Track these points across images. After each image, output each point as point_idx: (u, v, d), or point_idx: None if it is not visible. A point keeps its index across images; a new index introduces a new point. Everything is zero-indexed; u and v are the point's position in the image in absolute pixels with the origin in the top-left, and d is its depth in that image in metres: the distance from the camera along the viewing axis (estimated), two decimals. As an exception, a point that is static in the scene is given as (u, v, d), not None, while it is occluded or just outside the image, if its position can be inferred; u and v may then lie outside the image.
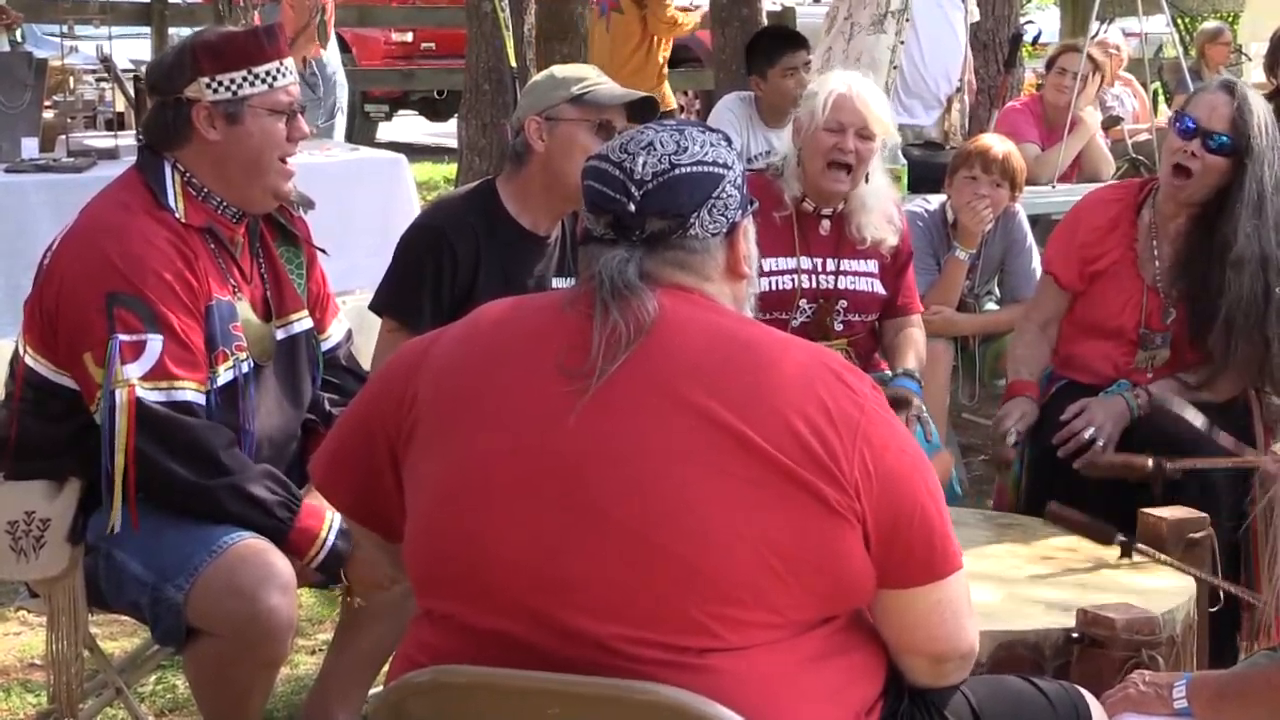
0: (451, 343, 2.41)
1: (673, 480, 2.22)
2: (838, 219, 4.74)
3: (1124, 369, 4.56)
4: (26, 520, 3.43)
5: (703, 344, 2.29)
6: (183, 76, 3.42)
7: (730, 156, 2.39)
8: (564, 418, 2.26)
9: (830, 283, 4.72)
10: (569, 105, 3.98)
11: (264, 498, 3.34)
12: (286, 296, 3.62)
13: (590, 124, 3.94)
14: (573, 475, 2.25)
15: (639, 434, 2.24)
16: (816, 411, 2.25)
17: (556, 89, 4.01)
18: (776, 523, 2.21)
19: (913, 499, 2.29)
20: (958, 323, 5.91)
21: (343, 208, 6.91)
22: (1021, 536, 3.76)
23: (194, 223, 3.42)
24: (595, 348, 2.27)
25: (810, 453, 2.23)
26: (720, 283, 2.38)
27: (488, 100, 10.19)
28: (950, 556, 2.33)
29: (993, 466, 4.91)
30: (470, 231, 4.04)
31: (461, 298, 4.00)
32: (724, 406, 2.23)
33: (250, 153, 3.44)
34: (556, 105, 3.99)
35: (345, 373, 3.79)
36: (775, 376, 2.26)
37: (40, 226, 6.28)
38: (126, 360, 3.26)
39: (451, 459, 2.32)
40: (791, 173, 4.71)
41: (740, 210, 2.39)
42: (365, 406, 2.50)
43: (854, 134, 4.60)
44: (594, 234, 2.37)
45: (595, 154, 2.42)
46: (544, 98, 4.02)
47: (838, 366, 2.32)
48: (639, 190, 2.34)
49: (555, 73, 4.10)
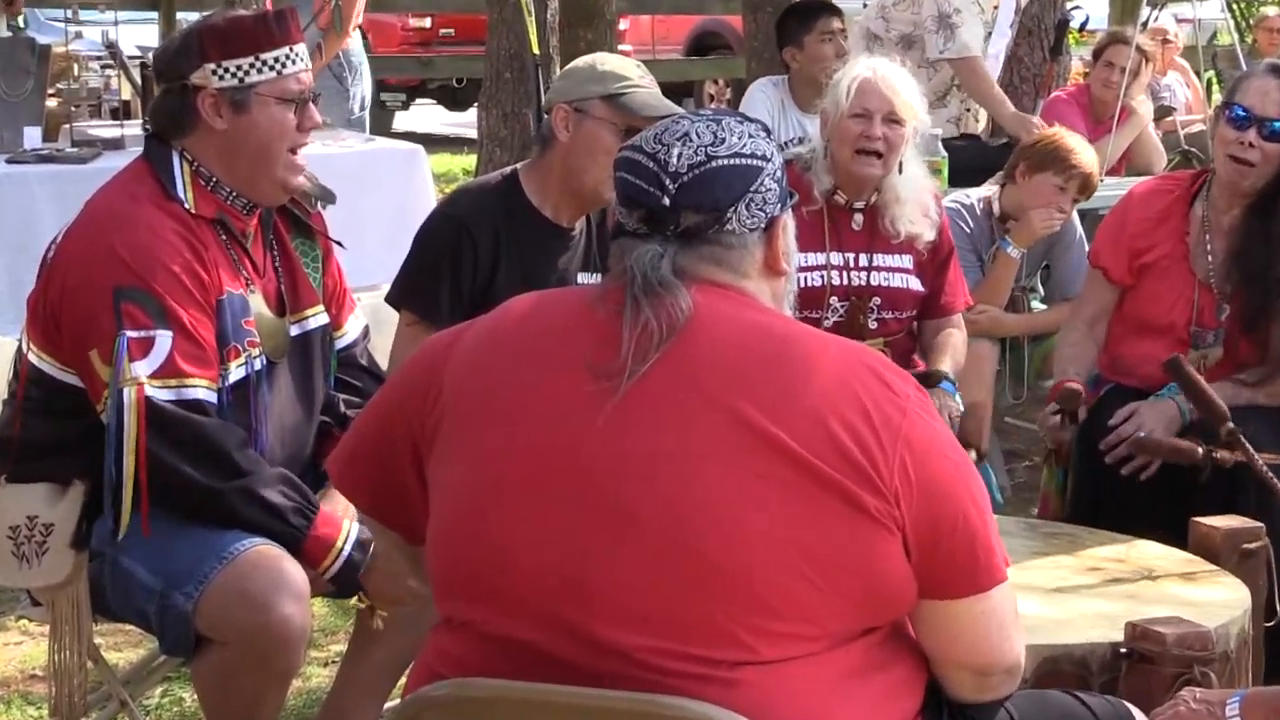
0: (477, 338, 2.41)
1: (705, 485, 2.21)
2: (870, 212, 4.73)
3: (1176, 369, 4.55)
4: (29, 525, 3.44)
5: (738, 343, 2.28)
6: (188, 63, 3.43)
7: (769, 148, 2.39)
8: (593, 418, 2.26)
9: (863, 279, 4.71)
10: (601, 103, 3.96)
11: (278, 503, 3.34)
12: (301, 290, 3.62)
13: (617, 128, 3.91)
14: (601, 478, 2.25)
15: (670, 436, 2.24)
16: (855, 414, 2.24)
17: (593, 81, 3.99)
18: (812, 530, 2.21)
19: (955, 507, 2.29)
20: (1004, 322, 5.90)
21: (358, 200, 6.89)
22: (1068, 546, 3.75)
23: (204, 214, 3.42)
24: (625, 346, 2.26)
25: (848, 457, 2.22)
26: (758, 280, 2.38)
27: (509, 89, 10.21)
28: (995, 567, 2.33)
29: (1039, 469, 4.90)
30: (490, 222, 4.04)
31: (481, 290, 4.01)
32: (758, 408, 2.23)
33: (257, 143, 3.44)
34: (589, 99, 3.97)
35: (362, 372, 3.80)
36: (812, 376, 2.26)
37: (44, 219, 6.29)
38: (134, 357, 3.27)
39: (474, 459, 2.32)
40: (821, 165, 4.70)
41: (779, 204, 2.39)
42: (387, 401, 2.51)
43: (881, 120, 4.59)
44: (626, 228, 2.37)
45: (628, 144, 2.41)
46: (579, 86, 4.01)
47: (879, 366, 2.31)
48: (673, 183, 2.33)
49: (597, 63, 4.06)
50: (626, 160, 2.39)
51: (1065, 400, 4.56)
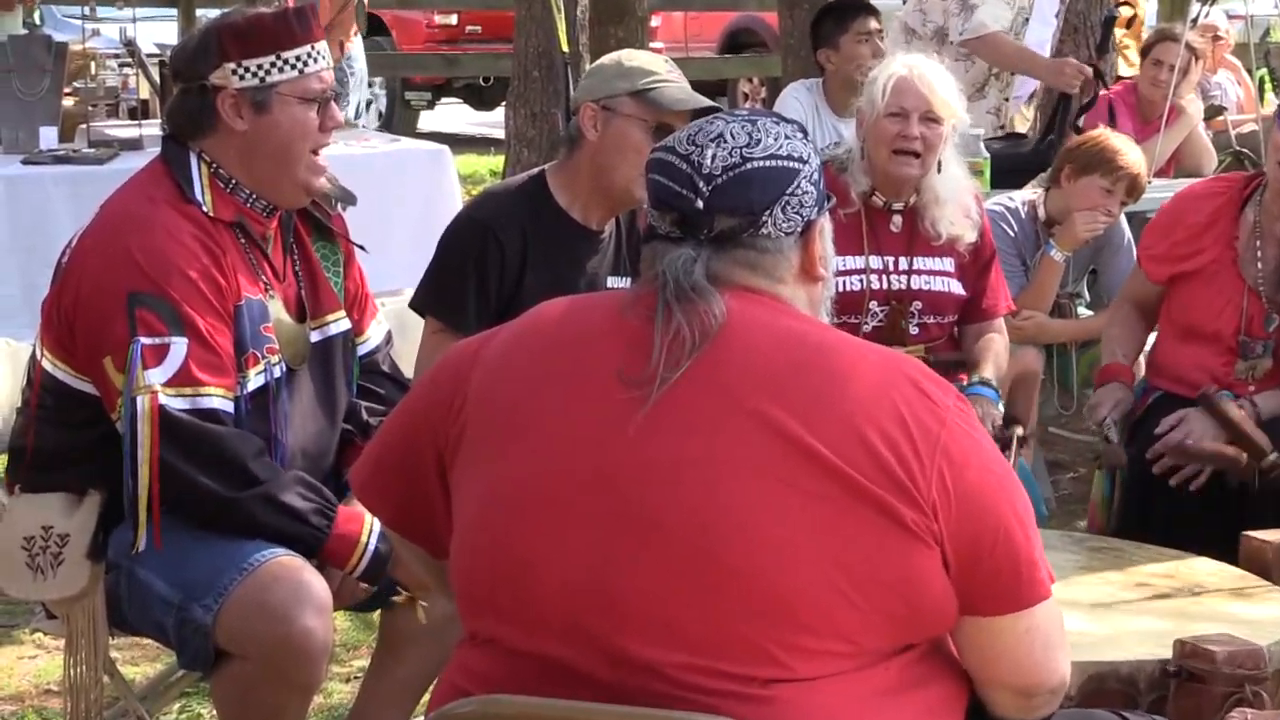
0: (504, 344, 2.42)
1: (738, 496, 2.21)
2: (909, 214, 4.72)
3: (1223, 379, 4.54)
4: (44, 536, 3.45)
5: (772, 350, 2.28)
6: (207, 62, 3.44)
7: (806, 150, 2.39)
8: (622, 428, 2.26)
9: (902, 283, 4.70)
10: (629, 99, 3.96)
11: (298, 506, 3.35)
12: (322, 296, 3.63)
13: (647, 124, 3.92)
14: (631, 489, 2.24)
15: (702, 446, 2.23)
16: (892, 423, 2.24)
17: (620, 78, 3.99)
18: (848, 544, 2.20)
19: (996, 520, 2.28)
20: (1050, 328, 5.88)
21: (382, 203, 6.93)
22: (1114, 561, 3.74)
23: (222, 217, 3.43)
24: (657, 353, 2.26)
25: (885, 468, 2.22)
26: (794, 285, 2.38)
27: (537, 88, 10.21)
28: (1038, 583, 2.32)
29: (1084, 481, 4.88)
30: (517, 224, 4.04)
31: (508, 295, 4.01)
32: (792, 417, 2.23)
33: (279, 144, 3.45)
34: (617, 96, 3.97)
35: (384, 379, 3.80)
36: (848, 385, 2.26)
37: (59, 222, 6.33)
38: (149, 365, 3.27)
39: (500, 469, 2.33)
40: (858, 166, 4.70)
41: (816, 207, 2.39)
42: (412, 409, 2.51)
43: (918, 119, 4.59)
44: (658, 231, 2.37)
45: (660, 145, 2.41)
46: (606, 84, 4.01)
47: (918, 375, 2.30)
48: (707, 185, 2.33)
49: (624, 60, 4.06)
50: (659, 162, 2.39)
51: (1109, 459, 4.56)
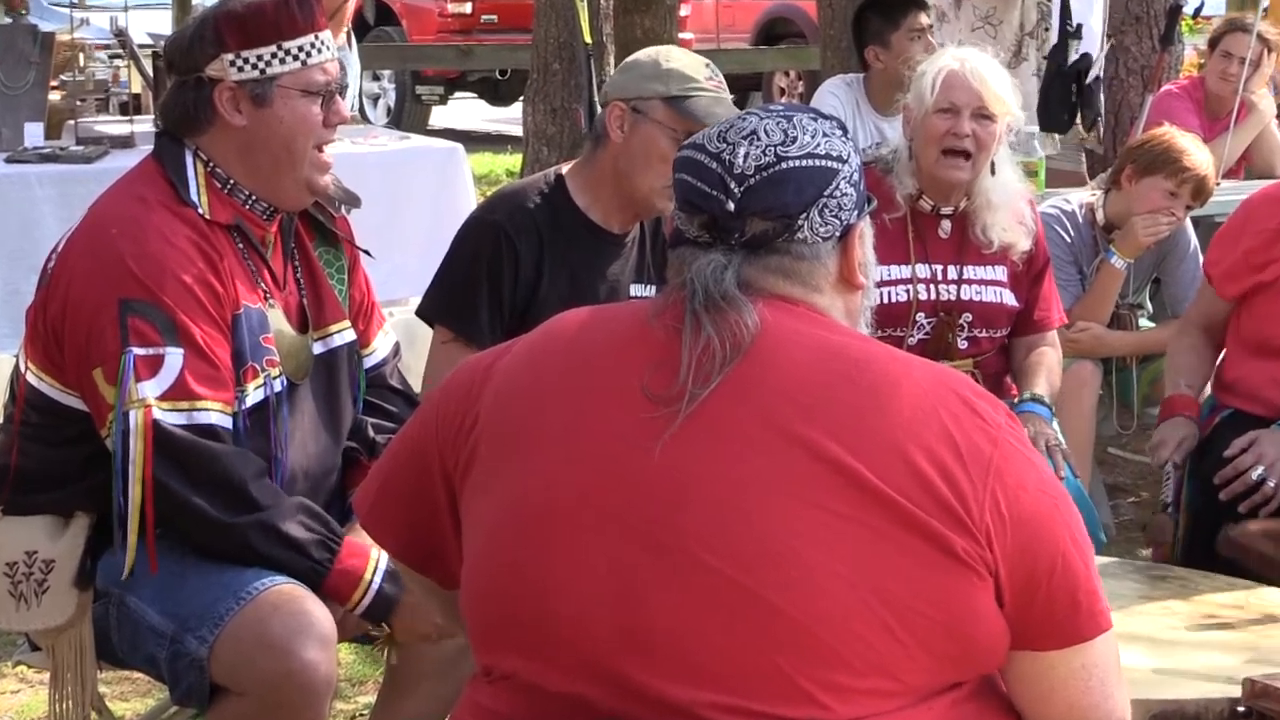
0: (519, 358, 2.42)
1: (774, 522, 2.21)
2: (959, 219, 4.72)
3: (1300, 397, 4.53)
4: (27, 561, 3.46)
5: (809, 364, 2.28)
6: (204, 53, 3.45)
7: (845, 149, 2.39)
8: (648, 447, 2.26)
9: (952, 293, 4.71)
10: (662, 104, 3.97)
11: (299, 536, 3.36)
12: (326, 305, 3.64)
13: (675, 134, 3.91)
14: (657, 514, 2.24)
15: (735, 468, 2.23)
16: (941, 444, 2.24)
17: (656, 79, 3.99)
18: (893, 574, 2.20)
19: (1053, 548, 2.27)
20: (1108, 341, 5.87)
21: (390, 204, 6.95)
22: (1179, 591, 3.73)
23: (219, 219, 3.44)
24: (685, 367, 2.26)
25: (933, 493, 2.22)
26: (831, 294, 2.38)
27: (558, 82, 10.24)
28: (1097, 615, 2.32)
29: (1147, 505, 4.88)
30: (534, 227, 4.06)
31: (524, 303, 4.02)
32: (833, 438, 2.23)
33: (280, 139, 3.46)
34: (649, 99, 3.98)
35: (392, 394, 3.81)
36: (893, 403, 2.25)
37: (44, 224, 6.35)
38: (142, 377, 3.28)
39: (515, 493, 2.33)
40: (904, 168, 4.70)
41: (856, 211, 2.39)
42: (419, 431, 2.51)
43: (970, 115, 4.59)
44: (686, 235, 2.37)
45: (689, 142, 2.41)
46: (639, 83, 4.02)
47: (967, 392, 2.30)
48: (739, 186, 2.33)
49: (662, 59, 4.05)
50: (687, 160, 2.39)
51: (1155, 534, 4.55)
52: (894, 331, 4.63)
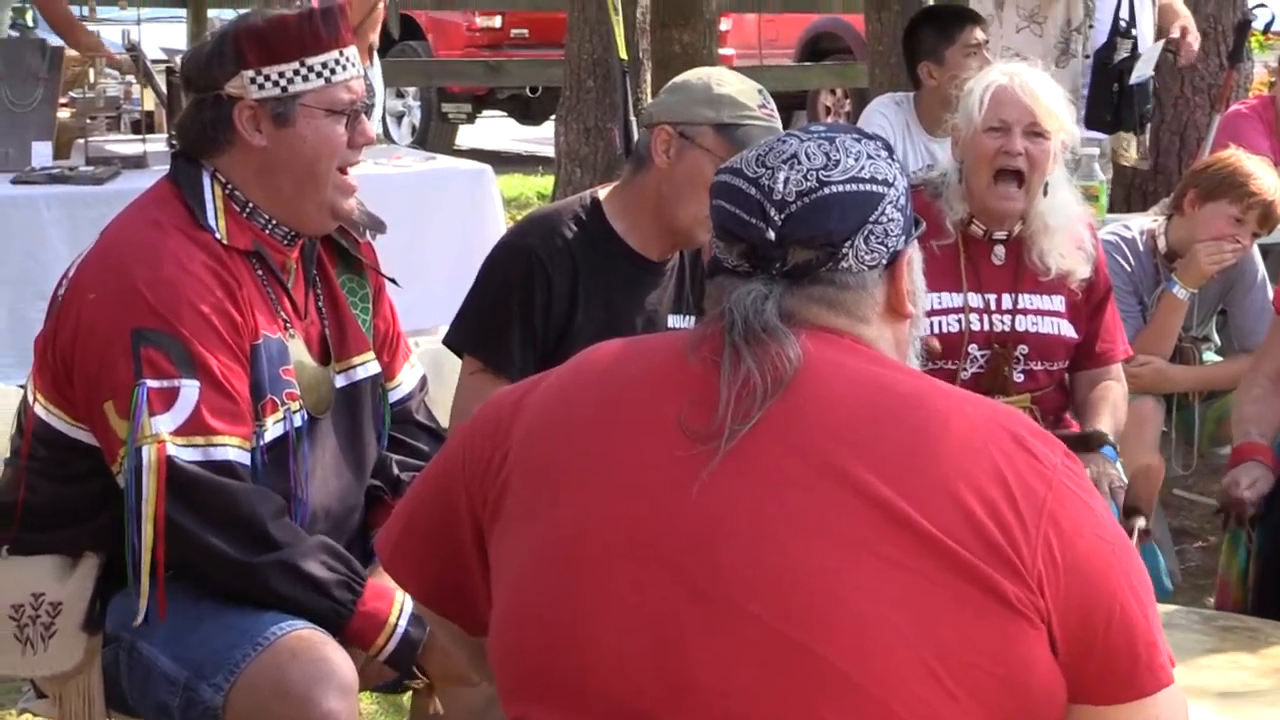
0: (550, 393, 2.43)
1: (818, 567, 2.21)
2: (1014, 245, 4.72)
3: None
4: (34, 604, 3.47)
5: (855, 399, 2.28)
6: (223, 69, 3.46)
7: (892, 171, 2.39)
8: (686, 487, 2.26)
9: (1006, 324, 4.70)
10: (712, 131, 3.98)
11: (321, 576, 3.36)
12: (348, 335, 3.65)
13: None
14: (696, 558, 2.24)
15: (777, 509, 2.23)
16: (993, 485, 2.24)
17: (707, 104, 4.01)
18: (944, 622, 2.20)
19: (1111, 596, 2.27)
20: (1171, 376, 5.86)
21: (416, 229, 6.95)
22: (1248, 643, 3.71)
23: (238, 245, 3.46)
24: (724, 402, 2.27)
25: (984, 536, 2.22)
26: (878, 325, 2.38)
27: (592, 100, 10.25)
28: (1158, 668, 2.31)
29: (1214, 551, 4.86)
30: (567, 253, 4.07)
31: (557, 333, 4.03)
32: (879, 477, 2.23)
33: (302, 161, 3.48)
34: (698, 125, 3.99)
35: (418, 429, 3.82)
36: (943, 441, 2.26)
37: (53, 249, 6.36)
38: (156, 410, 3.30)
39: (546, 534, 2.33)
40: (954, 191, 4.70)
41: (903, 236, 2.39)
42: (445, 468, 2.52)
43: (1021, 132, 4.59)
44: (725, 264, 2.38)
45: (726, 167, 2.42)
46: (689, 108, 4.03)
47: (1021, 430, 2.30)
48: (780, 213, 2.34)
49: (714, 84, 4.06)
50: (725, 186, 2.39)
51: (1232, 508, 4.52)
52: (945, 365, 4.62)
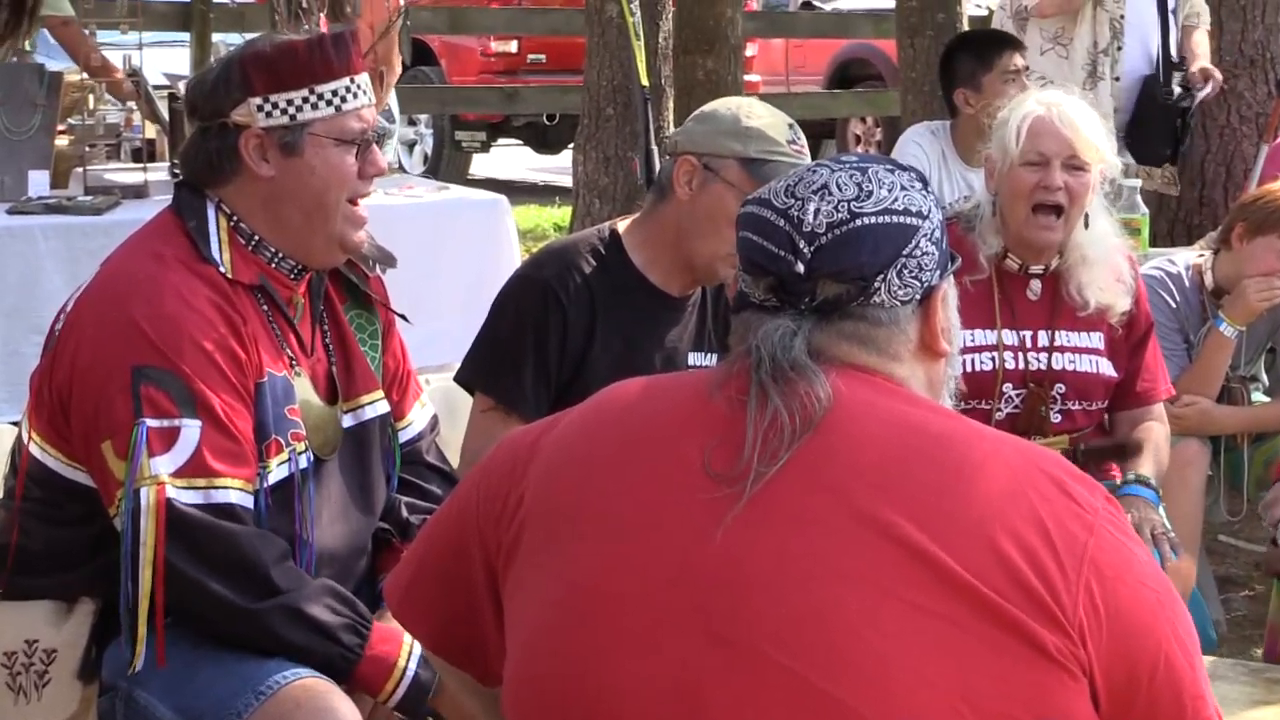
0: (568, 433, 2.43)
1: (848, 615, 2.21)
2: (1050, 280, 4.72)
3: None
4: (28, 651, 3.48)
5: (887, 440, 2.28)
6: (228, 96, 3.48)
7: (926, 203, 2.40)
8: (710, 532, 2.26)
9: (1043, 362, 4.70)
10: (737, 165, 4.00)
11: (326, 620, 3.36)
12: (357, 373, 3.66)
13: None
14: (720, 605, 2.24)
15: (805, 554, 2.23)
16: (1031, 531, 2.24)
17: (733, 137, 4.02)
18: (980, 673, 2.19)
19: (1155, 646, 2.27)
20: (1217, 418, 5.84)
21: (427, 261, 6.96)
22: (1296, 695, 3.72)
23: (243, 279, 3.47)
24: (750, 443, 2.27)
25: (1022, 584, 2.21)
26: (911, 363, 2.39)
27: (611, 128, 10.27)
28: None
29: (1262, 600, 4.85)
30: (584, 287, 4.07)
31: (572, 370, 4.04)
32: (913, 522, 2.23)
33: (311, 192, 3.49)
34: (723, 158, 4.01)
35: (429, 471, 3.83)
36: (979, 484, 2.26)
37: (50, 282, 6.37)
38: (155, 451, 3.30)
39: (564, 580, 2.33)
40: (987, 225, 4.70)
41: (938, 271, 2.40)
42: (458, 512, 2.52)
43: (1061, 166, 4.59)
44: (751, 298, 2.38)
45: (754, 197, 2.43)
46: (714, 139, 4.04)
47: (1060, 473, 2.30)
48: (809, 245, 2.34)
49: (743, 116, 4.07)
50: (752, 217, 2.40)
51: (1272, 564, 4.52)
52: (979, 404, 4.62)
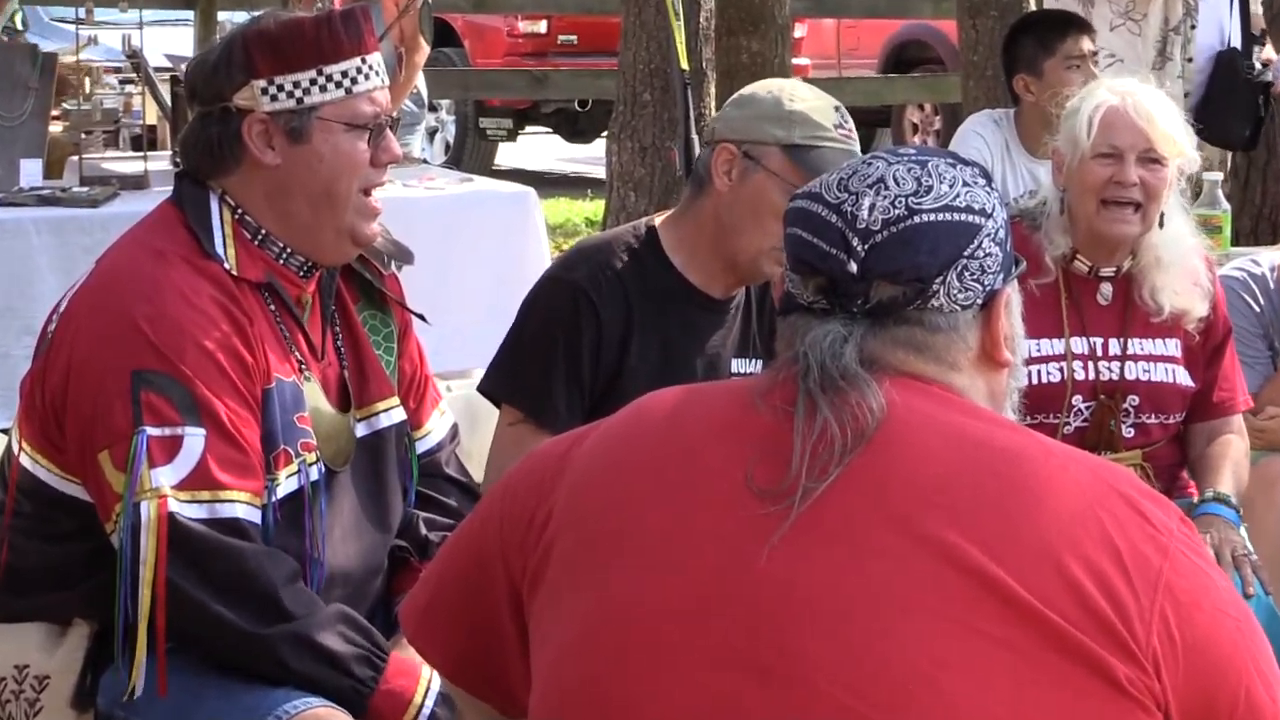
0: (600, 445, 2.43)
1: (906, 644, 2.21)
2: (1122, 282, 4.71)
3: None
4: (18, 677, 3.48)
5: (945, 455, 2.29)
6: (231, 78, 3.48)
7: (990, 200, 2.40)
8: (754, 553, 2.26)
9: (1114, 371, 4.70)
10: (780, 152, 3.99)
11: (338, 650, 3.37)
12: (371, 379, 3.66)
13: (792, 189, 3.87)
14: (765, 632, 2.24)
15: (857, 577, 2.23)
16: (1102, 554, 2.23)
17: (775, 122, 4.01)
18: (1048, 708, 2.19)
19: (1234, 679, 2.27)
20: (1301, 431, 5.83)
21: (448, 259, 6.97)
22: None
23: (249, 276, 3.47)
24: (798, 458, 2.27)
25: (1093, 611, 2.21)
26: (971, 373, 2.39)
27: (648, 115, 10.25)
28: (1288, 759, 2.31)
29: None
30: (619, 288, 4.07)
31: (607, 378, 4.04)
32: (974, 543, 2.23)
33: (319, 181, 3.49)
34: (766, 144, 4.00)
35: (448, 484, 3.83)
36: (1045, 503, 2.26)
37: (42, 278, 6.40)
38: (156, 462, 3.31)
39: (595, 606, 2.33)
40: (1055, 224, 4.69)
41: (1001, 274, 2.40)
42: (480, 529, 2.52)
43: (1135, 160, 4.58)
44: (799, 301, 2.38)
45: (804, 191, 2.43)
46: (755, 124, 4.03)
47: (1132, 491, 2.30)
48: (864, 244, 2.35)
49: (785, 99, 4.05)
50: (802, 213, 2.40)
51: None
52: (1046, 418, 4.61)
